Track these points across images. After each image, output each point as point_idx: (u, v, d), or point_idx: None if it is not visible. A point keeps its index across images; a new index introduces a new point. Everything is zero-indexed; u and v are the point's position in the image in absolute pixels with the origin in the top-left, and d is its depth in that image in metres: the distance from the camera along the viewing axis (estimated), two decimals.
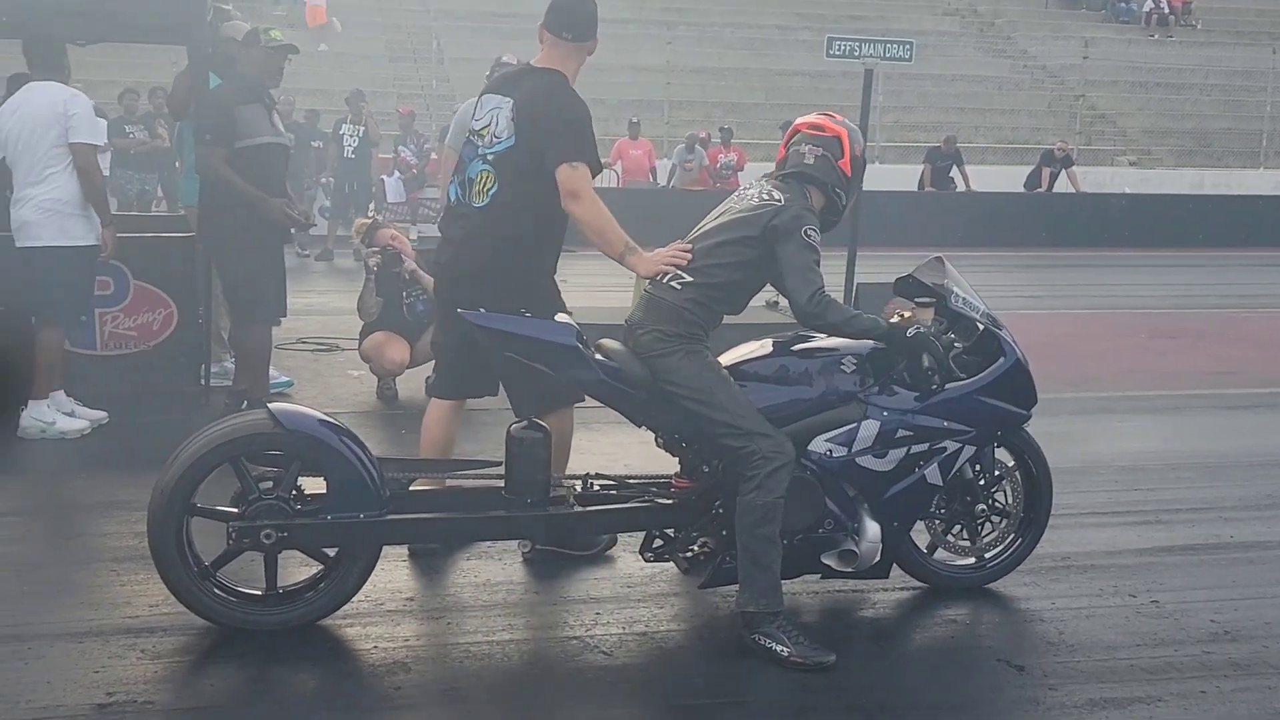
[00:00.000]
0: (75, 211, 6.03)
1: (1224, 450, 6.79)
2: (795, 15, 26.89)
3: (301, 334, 8.89)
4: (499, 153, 4.35)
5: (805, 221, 3.97)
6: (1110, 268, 16.74)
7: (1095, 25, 29.42)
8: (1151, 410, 7.92)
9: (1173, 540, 5.16)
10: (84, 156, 6.01)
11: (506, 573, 4.52)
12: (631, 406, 4.04)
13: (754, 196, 4.10)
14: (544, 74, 4.43)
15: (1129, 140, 25.23)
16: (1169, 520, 5.42)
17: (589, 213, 4.21)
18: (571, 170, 4.21)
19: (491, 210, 4.38)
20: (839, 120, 4.20)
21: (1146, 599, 4.49)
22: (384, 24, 24.95)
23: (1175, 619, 4.31)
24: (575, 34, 4.46)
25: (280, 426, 3.80)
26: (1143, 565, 4.84)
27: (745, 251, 4.00)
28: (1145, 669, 3.91)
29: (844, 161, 4.11)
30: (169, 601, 3.94)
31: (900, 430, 4.07)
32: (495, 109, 4.42)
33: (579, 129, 4.31)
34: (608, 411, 4.15)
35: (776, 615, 3.85)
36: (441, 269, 4.63)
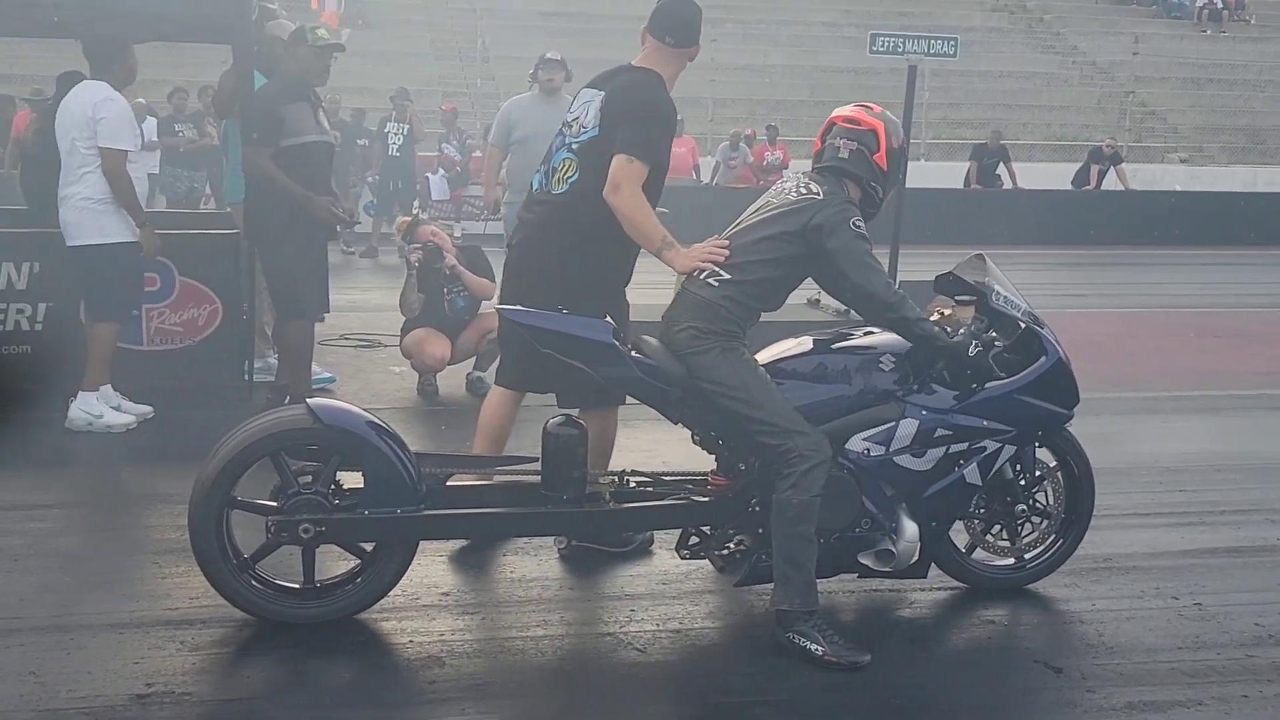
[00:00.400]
0: (111, 210, 6.10)
1: (1270, 451, 6.69)
2: (842, 12, 26.78)
3: (345, 330, 8.95)
4: (583, 142, 4.40)
5: (849, 213, 3.95)
6: (1159, 266, 16.53)
7: (1146, 20, 29.06)
8: (1197, 410, 7.81)
9: (1216, 542, 5.09)
10: (109, 161, 6.06)
11: (542, 568, 4.53)
12: (668, 404, 4.03)
13: (791, 191, 4.07)
14: (640, 71, 4.47)
15: (1180, 137, 24.90)
16: (1213, 522, 5.34)
17: (627, 205, 4.22)
18: (626, 163, 4.22)
19: (569, 198, 4.42)
20: (876, 112, 4.16)
21: (1189, 601, 4.43)
22: (429, 23, 25.11)
23: (1218, 622, 4.25)
24: (678, 39, 4.50)
25: (318, 422, 3.83)
26: (1185, 567, 4.77)
27: (783, 247, 3.98)
28: (1186, 672, 3.85)
29: (879, 155, 4.07)
30: (209, 594, 3.99)
31: (939, 429, 4.03)
32: (588, 102, 4.47)
33: (652, 127, 4.33)
34: (645, 408, 4.15)
35: (811, 614, 3.83)
36: (513, 252, 4.68)
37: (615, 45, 23.65)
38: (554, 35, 21.62)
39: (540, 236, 4.50)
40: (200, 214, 11.67)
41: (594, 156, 4.35)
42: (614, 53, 22.90)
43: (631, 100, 4.34)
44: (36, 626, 3.88)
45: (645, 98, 4.36)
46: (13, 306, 6.59)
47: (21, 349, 6.61)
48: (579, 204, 4.39)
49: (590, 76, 4.67)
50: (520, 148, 8.63)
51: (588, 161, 4.37)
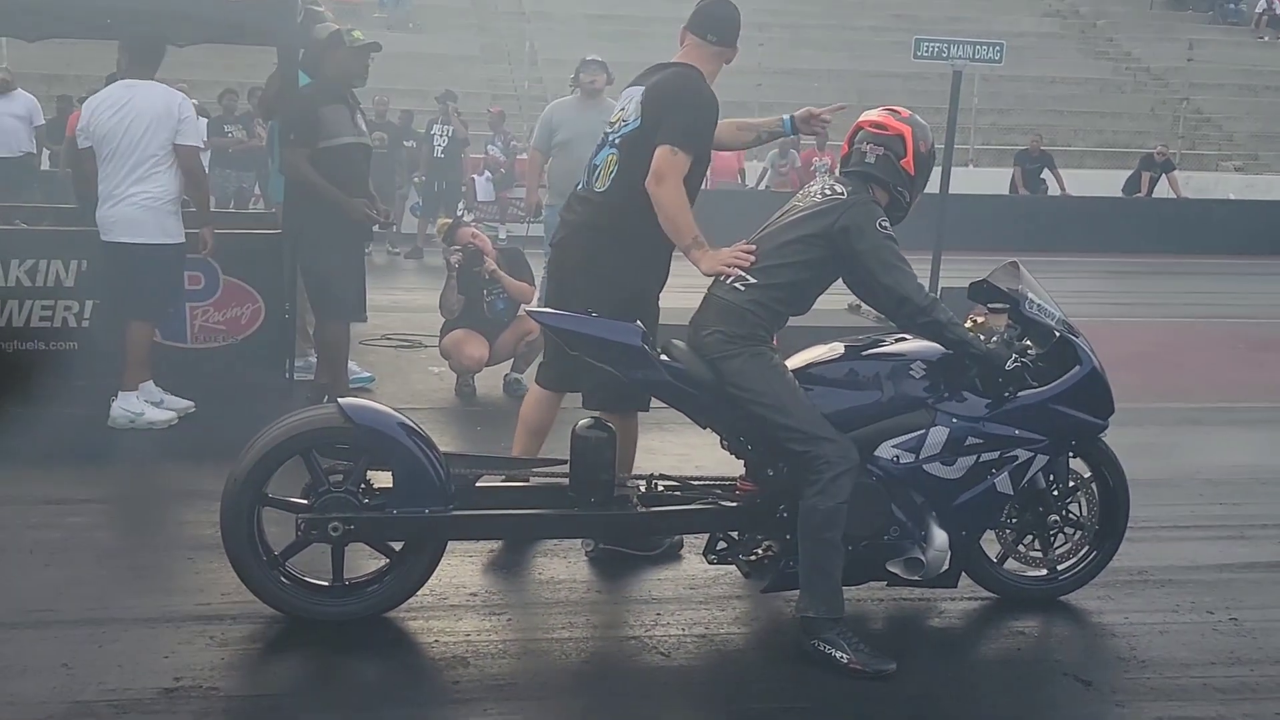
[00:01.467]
0: (174, 210, 6.21)
1: None
2: (891, 17, 26.60)
3: (386, 330, 9.02)
4: (624, 135, 4.43)
5: (875, 214, 3.93)
6: (1210, 275, 16.28)
7: (1201, 27, 28.65)
8: (1244, 422, 7.68)
9: (1256, 556, 5.01)
10: (191, 159, 6.20)
11: (569, 570, 4.54)
12: (696, 408, 4.03)
13: (817, 194, 4.06)
14: (681, 66, 4.50)
15: (1235, 145, 24.52)
16: (1253, 536, 5.26)
17: (668, 197, 4.23)
18: (670, 153, 4.23)
19: (613, 193, 4.44)
20: (903, 117, 4.12)
21: (1225, 616, 4.36)
22: (479, 26, 25.25)
23: (1253, 638, 4.18)
24: (720, 38, 4.54)
25: (349, 421, 3.87)
26: (1222, 581, 4.70)
27: (809, 250, 3.96)
28: (1218, 688, 3.80)
29: (907, 160, 4.04)
30: (240, 590, 4.02)
31: (970, 438, 4.00)
32: (629, 98, 4.51)
33: (696, 119, 4.34)
34: (676, 413, 4.15)
35: (837, 621, 3.81)
36: (555, 251, 4.71)
37: (661, 48, 23.55)
38: (601, 38, 21.66)
39: (582, 234, 4.52)
40: (244, 214, 11.82)
41: (635, 149, 4.37)
42: (660, 55, 22.85)
43: (674, 92, 4.36)
44: (70, 619, 3.94)
45: (688, 90, 4.38)
46: (60, 303, 6.70)
47: (69, 345, 6.73)
48: (623, 197, 4.40)
49: (631, 77, 4.70)
50: (562, 150, 8.67)
51: (628, 154, 4.39)
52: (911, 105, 13.36)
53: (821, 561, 3.79)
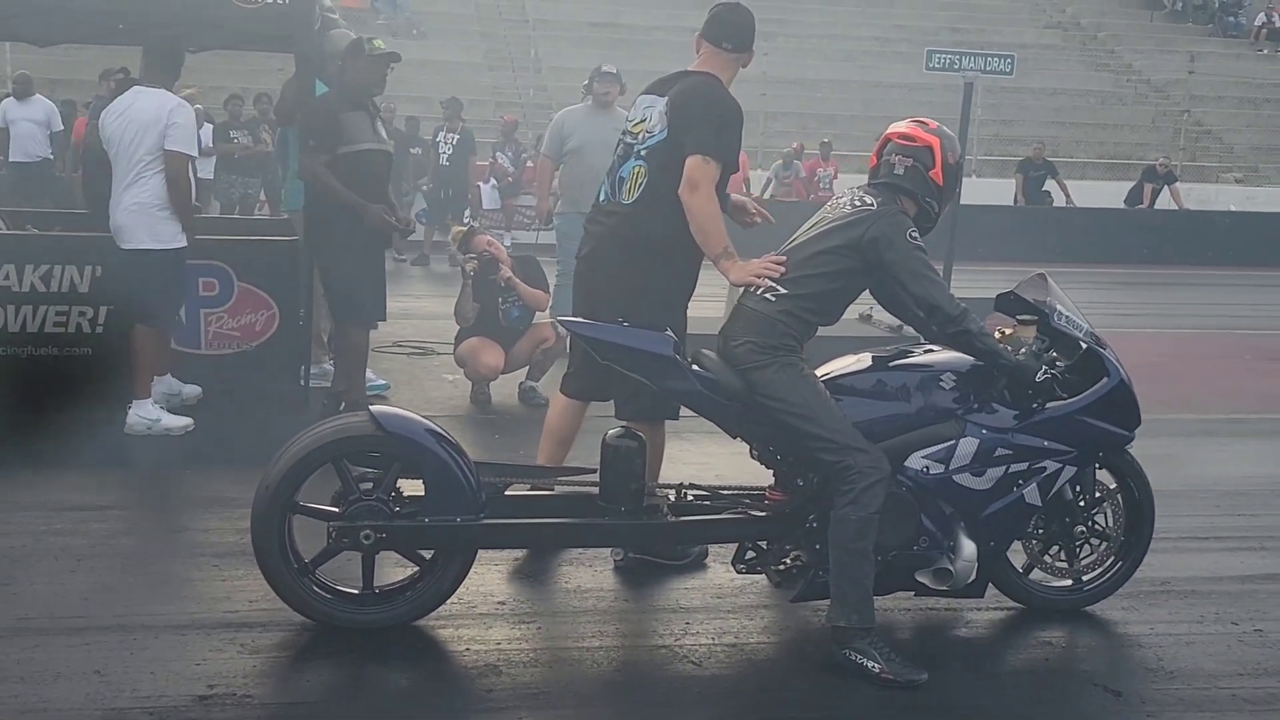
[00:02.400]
0: (167, 215, 6.15)
1: None
2: (894, 27, 26.69)
3: (398, 338, 9.03)
4: (651, 147, 4.44)
5: (905, 224, 3.95)
6: (1213, 286, 16.33)
7: (1202, 39, 28.75)
8: (1255, 434, 7.70)
9: (1277, 568, 5.02)
10: (175, 165, 6.13)
11: (597, 579, 4.54)
12: (726, 418, 4.04)
13: (846, 205, 4.08)
14: (700, 75, 4.51)
15: (1235, 157, 24.60)
16: (1273, 548, 5.27)
17: (702, 206, 4.24)
18: (702, 162, 4.24)
19: (641, 204, 4.45)
20: (931, 128, 4.14)
21: (1249, 627, 4.37)
22: (483, 33, 25.27)
23: (1278, 649, 4.18)
24: (735, 44, 4.56)
25: (381, 429, 3.87)
26: (1245, 593, 4.71)
27: (839, 261, 3.97)
28: (1247, 699, 3.81)
29: (935, 171, 4.05)
30: (268, 597, 4.04)
31: (999, 449, 4.01)
32: (649, 107, 4.51)
33: (724, 126, 4.35)
34: (700, 421, 4.16)
35: (868, 631, 3.82)
36: (582, 264, 4.71)
37: (664, 56, 23.65)
38: (605, 47, 21.71)
39: (611, 246, 4.52)
40: (259, 220, 11.83)
41: (663, 160, 4.38)
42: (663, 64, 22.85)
43: (701, 102, 4.37)
44: (101, 626, 3.94)
45: (714, 99, 4.39)
46: (75, 309, 6.68)
47: (82, 351, 6.71)
48: (651, 208, 4.41)
49: (640, 87, 4.71)
50: (573, 158, 8.70)
51: (657, 166, 4.40)
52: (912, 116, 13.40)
53: (853, 571, 3.80)
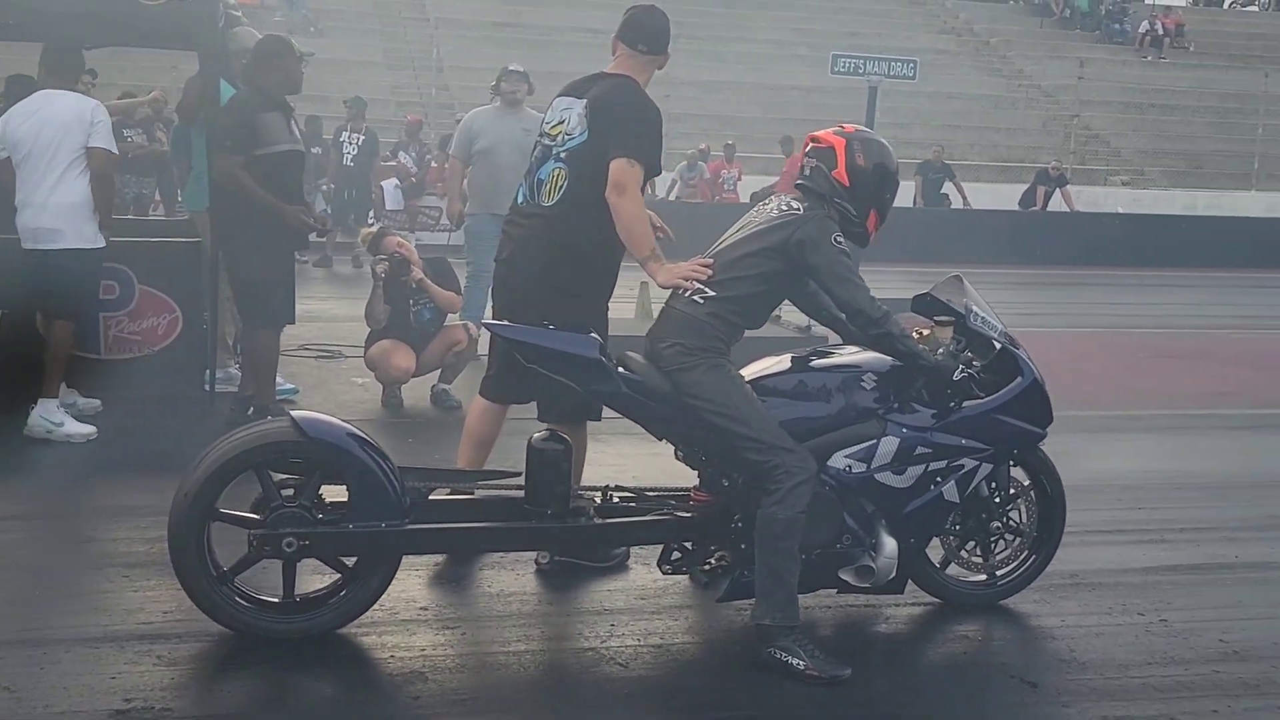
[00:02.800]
0: (90, 216, 6.08)
1: (1226, 470, 6.82)
2: (793, 31, 27.04)
3: (304, 341, 8.87)
4: (571, 149, 4.42)
5: (830, 229, 3.98)
6: (1105, 287, 16.82)
7: (1090, 46, 29.65)
8: (1153, 430, 7.96)
9: (1178, 559, 5.18)
10: (103, 162, 6.06)
11: (520, 583, 4.52)
12: (652, 420, 4.05)
13: (773, 209, 4.12)
14: (617, 77, 4.51)
15: (1122, 160, 25.41)
16: (1174, 540, 5.44)
17: (629, 209, 4.25)
18: (627, 165, 4.25)
19: (562, 206, 4.43)
20: (843, 131, 4.17)
21: (1155, 618, 4.50)
22: (382, 31, 25.01)
23: (1184, 638, 4.32)
24: (651, 46, 4.56)
25: (303, 435, 3.80)
26: (1150, 584, 4.85)
27: (765, 264, 4.01)
28: (1157, 688, 3.92)
29: (839, 172, 4.06)
30: (183, 608, 3.96)
31: (919, 447, 4.08)
32: (567, 109, 4.50)
33: (646, 129, 4.36)
34: (615, 423, 4.17)
35: (793, 629, 3.86)
36: (501, 266, 4.69)
37: (567, 57, 23.71)
38: (507, 46, 21.61)
39: (532, 249, 4.50)
40: (160, 221, 11.54)
41: (584, 162, 4.37)
42: (565, 64, 23.05)
43: (622, 105, 4.37)
44: (8, 640, 3.80)
45: (635, 102, 4.40)
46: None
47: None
48: (572, 212, 4.40)
49: (544, 88, 4.71)
50: (482, 158, 8.66)
51: (577, 168, 4.39)
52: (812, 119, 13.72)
53: (779, 570, 3.83)
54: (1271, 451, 7.48)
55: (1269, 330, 13.02)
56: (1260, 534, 5.60)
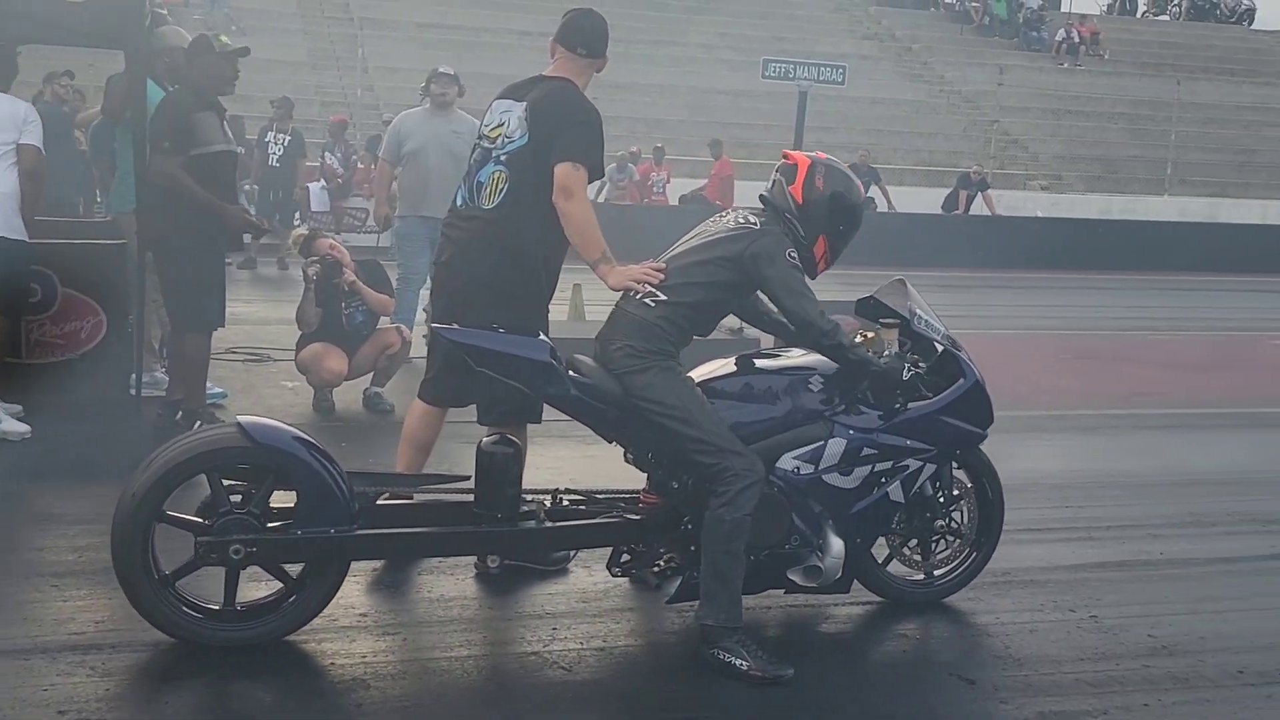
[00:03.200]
0: (16, 209, 5.99)
1: (1148, 469, 7.00)
2: (719, 35, 27.18)
3: (231, 344, 8.73)
4: (511, 152, 4.41)
5: (785, 245, 4.03)
6: (1025, 289, 17.14)
7: (1008, 53, 30.15)
8: (1076, 429, 8.13)
9: (1105, 557, 5.30)
10: (34, 160, 5.99)
11: (460, 588, 4.49)
12: (604, 422, 4.07)
13: (730, 221, 4.16)
14: (557, 80, 4.51)
15: (1041, 165, 25.88)
16: (1100, 537, 5.56)
17: (578, 212, 4.25)
18: (573, 169, 4.25)
19: (503, 209, 4.42)
20: (817, 157, 4.26)
21: (1085, 614, 4.60)
22: (305, 31, 24.68)
23: (1114, 634, 4.42)
24: (590, 50, 4.58)
25: (251, 440, 3.76)
26: (1078, 581, 4.96)
27: (719, 273, 4.05)
28: (1090, 682, 4.01)
29: (794, 187, 4.12)
30: (115, 618, 3.89)
31: (865, 448, 4.14)
32: (506, 112, 4.48)
33: (589, 132, 4.36)
34: (552, 426, 4.17)
35: (736, 630, 3.89)
36: (441, 269, 4.66)
37: (492, 58, 23.65)
38: (432, 47, 21.48)
39: (473, 251, 4.48)
40: (83, 223, 11.25)
41: (524, 165, 4.37)
42: (493, 66, 22.98)
43: (563, 108, 4.37)
44: None
45: (576, 105, 4.41)
46: None
47: None
48: (512, 215, 4.40)
49: (471, 90, 4.70)
50: (412, 161, 8.61)
51: (518, 171, 4.39)
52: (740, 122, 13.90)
53: (724, 571, 3.86)
54: (1188, 450, 7.68)
55: (1183, 332, 13.38)
56: (1182, 531, 5.75)
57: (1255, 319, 14.90)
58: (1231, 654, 4.27)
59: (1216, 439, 8.10)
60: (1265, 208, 25.02)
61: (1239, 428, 8.44)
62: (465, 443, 6.03)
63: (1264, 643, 4.40)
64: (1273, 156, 27.68)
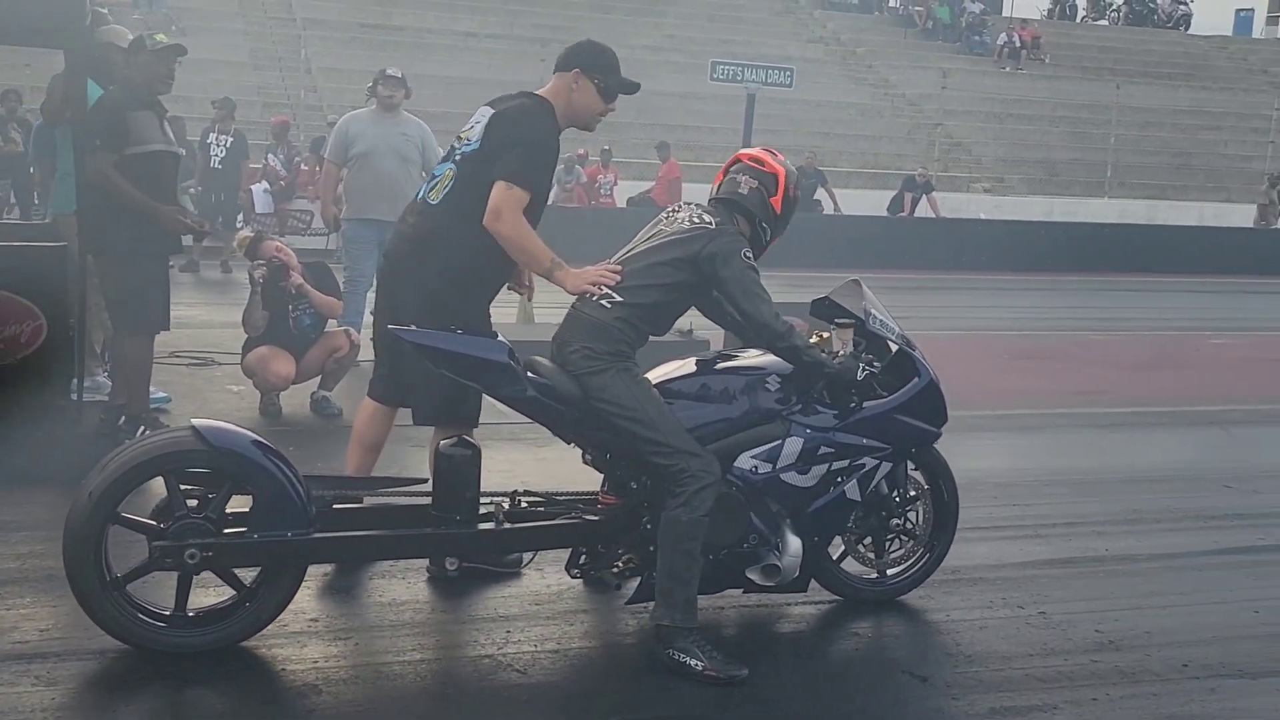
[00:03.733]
0: None
1: (1091, 467, 7.10)
2: (666, 37, 27.24)
3: (174, 348, 8.61)
4: (465, 154, 4.41)
5: (741, 245, 4.07)
6: (969, 290, 17.33)
7: (952, 57, 30.50)
8: (1019, 428, 8.22)
9: (1052, 554, 5.37)
10: None
11: (411, 591, 4.46)
12: (562, 423, 4.07)
13: (684, 220, 4.16)
14: (533, 97, 4.48)
15: (984, 168, 26.18)
16: (1046, 535, 5.63)
17: (509, 230, 4.20)
18: (506, 189, 4.20)
19: (443, 207, 4.41)
20: (780, 159, 4.29)
21: (1034, 610, 4.66)
22: (247, 31, 24.43)
23: (1062, 630, 4.48)
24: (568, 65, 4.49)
25: (205, 443, 3.72)
26: (1026, 578, 5.01)
27: (674, 273, 4.06)
28: (1039, 678, 4.05)
29: (776, 199, 4.21)
30: (61, 626, 3.84)
31: (822, 447, 4.18)
32: (480, 117, 4.48)
33: (533, 154, 4.31)
34: (498, 428, 4.15)
35: (692, 630, 3.89)
36: (386, 262, 4.65)
37: (437, 60, 23.57)
38: (377, 48, 21.36)
39: (412, 248, 4.48)
40: (21, 225, 11.06)
41: (471, 169, 4.36)
42: (438, 68, 22.84)
43: (517, 124, 4.34)
44: None
45: (532, 123, 4.36)
46: None
47: None
48: (450, 214, 4.39)
49: (416, 91, 4.68)
50: (360, 163, 8.55)
51: (465, 173, 4.38)
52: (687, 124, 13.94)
53: (680, 572, 3.87)
54: (1131, 448, 7.81)
55: (1124, 332, 13.59)
56: (1127, 527, 5.83)
57: (1194, 319, 15.18)
58: (1176, 648, 4.34)
59: (1158, 437, 8.25)
60: (1202, 209, 25.49)
61: (1180, 426, 8.59)
62: (417, 445, 6.02)
63: (1207, 637, 4.47)
64: (1209, 159, 28.22)
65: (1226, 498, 6.46)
